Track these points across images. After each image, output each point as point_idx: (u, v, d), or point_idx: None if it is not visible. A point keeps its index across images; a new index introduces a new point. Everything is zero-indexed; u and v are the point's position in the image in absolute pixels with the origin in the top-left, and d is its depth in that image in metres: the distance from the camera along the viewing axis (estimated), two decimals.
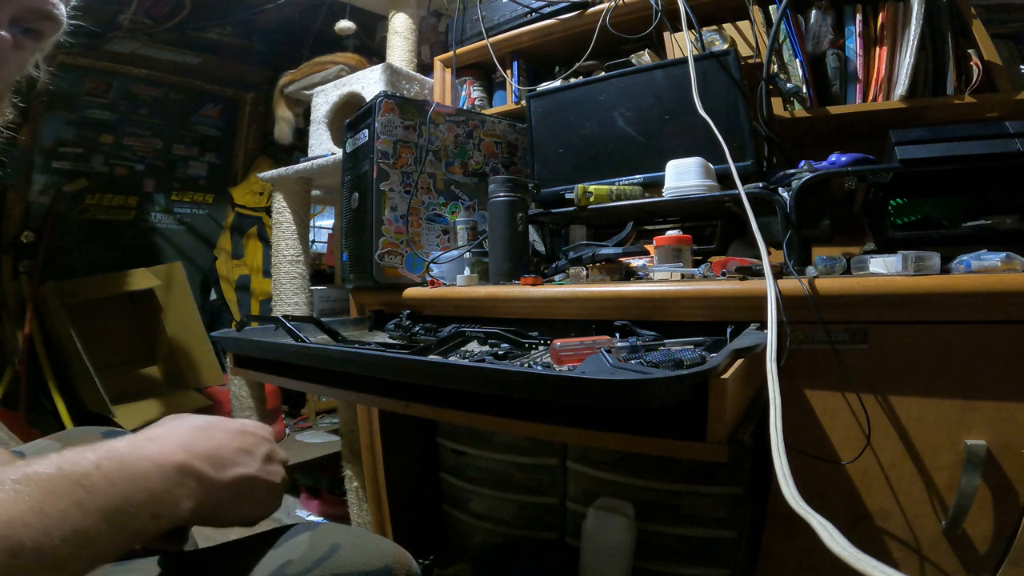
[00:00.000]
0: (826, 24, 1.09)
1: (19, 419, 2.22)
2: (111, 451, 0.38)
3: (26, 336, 2.33)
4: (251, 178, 3.14)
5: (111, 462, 0.37)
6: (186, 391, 2.68)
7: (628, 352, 0.62)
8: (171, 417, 0.49)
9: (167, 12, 2.49)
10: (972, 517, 0.65)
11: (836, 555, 0.31)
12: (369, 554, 0.48)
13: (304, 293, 1.81)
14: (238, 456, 0.46)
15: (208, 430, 0.46)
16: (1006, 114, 1.01)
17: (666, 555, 0.97)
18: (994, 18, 1.15)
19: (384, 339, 0.96)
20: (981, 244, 0.73)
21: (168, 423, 0.47)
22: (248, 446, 0.48)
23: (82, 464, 0.36)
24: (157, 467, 0.40)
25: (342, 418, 1.64)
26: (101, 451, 0.38)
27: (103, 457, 0.37)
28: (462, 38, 1.64)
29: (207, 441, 0.45)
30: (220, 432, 0.46)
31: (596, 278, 0.94)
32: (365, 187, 1.13)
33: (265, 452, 0.49)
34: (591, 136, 1.18)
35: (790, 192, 0.84)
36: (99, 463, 0.37)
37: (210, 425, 0.47)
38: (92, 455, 0.37)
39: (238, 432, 0.48)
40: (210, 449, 0.44)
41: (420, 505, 1.30)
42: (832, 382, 0.71)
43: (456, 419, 0.63)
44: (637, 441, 0.50)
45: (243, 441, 0.48)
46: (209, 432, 0.46)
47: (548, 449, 1.10)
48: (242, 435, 0.48)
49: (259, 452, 0.48)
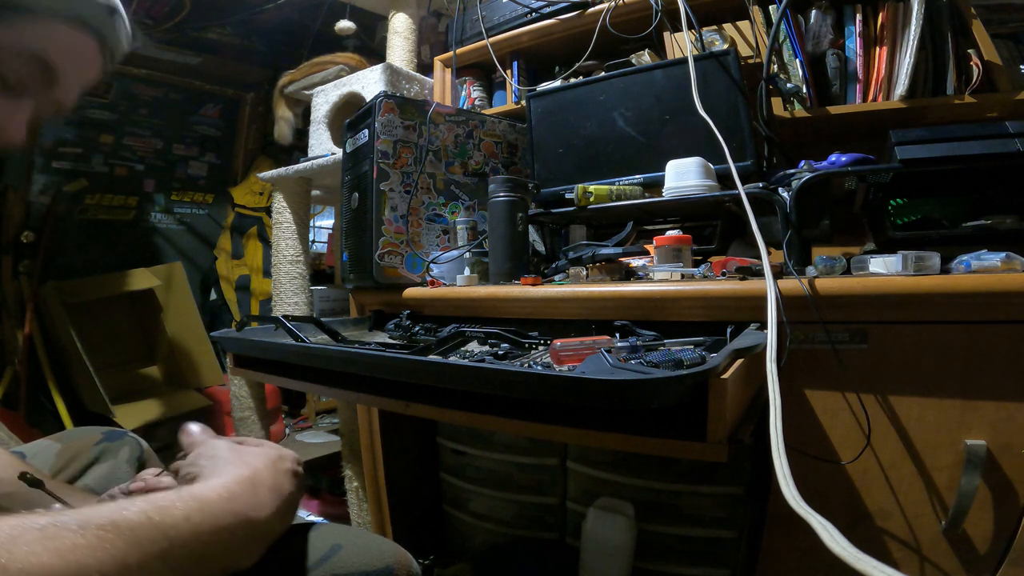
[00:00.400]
0: (826, 24, 1.09)
1: (19, 419, 2.22)
2: (203, 502, 0.37)
3: (26, 336, 2.33)
4: (251, 178, 3.13)
5: (203, 515, 0.36)
6: (186, 391, 2.68)
7: (628, 352, 0.62)
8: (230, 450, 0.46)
9: (167, 12, 2.49)
10: (972, 517, 0.65)
11: (836, 555, 0.31)
12: (370, 554, 0.48)
13: (304, 293, 1.81)
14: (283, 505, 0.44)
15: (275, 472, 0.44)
16: (1006, 114, 1.01)
17: (666, 555, 0.97)
18: (994, 18, 1.15)
19: (384, 339, 0.96)
20: (981, 244, 0.73)
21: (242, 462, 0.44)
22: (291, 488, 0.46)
23: (172, 513, 0.35)
24: (247, 523, 0.39)
25: (342, 418, 1.64)
26: (192, 502, 0.37)
27: (194, 509, 0.36)
28: (462, 38, 1.64)
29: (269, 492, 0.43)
30: (283, 476, 0.45)
31: (596, 278, 0.94)
32: (365, 187, 1.13)
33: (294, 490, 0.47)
34: (591, 136, 1.18)
35: (790, 192, 0.84)
36: (189, 514, 0.36)
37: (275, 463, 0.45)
38: (182, 505, 0.36)
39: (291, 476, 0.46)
40: (280, 502, 0.43)
41: (420, 505, 1.30)
42: (832, 382, 0.71)
43: (456, 419, 0.63)
44: (637, 441, 0.50)
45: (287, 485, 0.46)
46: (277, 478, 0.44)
47: (548, 449, 1.10)
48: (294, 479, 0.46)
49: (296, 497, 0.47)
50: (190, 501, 0.37)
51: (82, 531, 0.31)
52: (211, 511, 0.37)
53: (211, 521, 0.37)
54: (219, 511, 0.38)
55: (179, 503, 0.36)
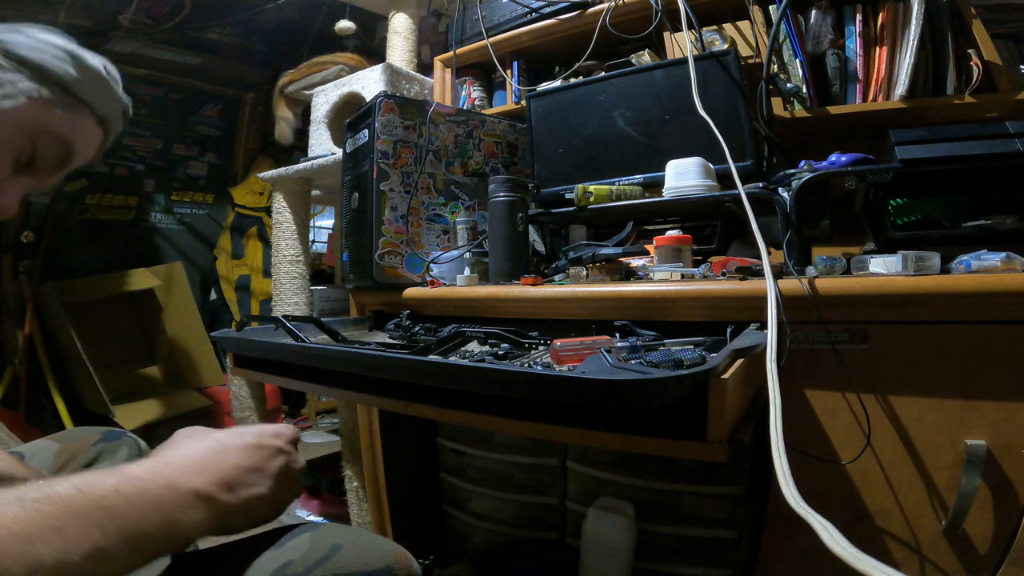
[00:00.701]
0: (826, 24, 1.09)
1: (19, 419, 2.22)
2: (130, 476, 0.40)
3: (26, 336, 2.33)
4: (251, 178, 3.14)
5: (130, 486, 0.38)
6: (186, 391, 2.68)
7: (628, 352, 0.62)
8: (184, 434, 0.50)
9: (167, 12, 2.49)
10: (972, 517, 0.65)
11: (836, 555, 0.31)
12: (370, 554, 0.48)
13: (304, 293, 1.81)
14: (249, 477, 0.46)
15: (222, 452, 0.46)
16: (1006, 114, 1.01)
17: (666, 555, 0.97)
18: (994, 18, 1.15)
19: (384, 339, 0.96)
20: (981, 244, 0.73)
21: (183, 444, 0.48)
22: (260, 463, 0.48)
23: (102, 486, 0.37)
24: (174, 493, 0.41)
25: (342, 418, 1.64)
26: (120, 475, 0.39)
27: (122, 481, 0.38)
28: (462, 38, 1.64)
29: (220, 464, 0.45)
30: (233, 452, 0.47)
31: (596, 278, 0.94)
32: (365, 187, 1.13)
33: (279, 466, 0.49)
34: (591, 136, 1.18)
35: (790, 192, 0.84)
36: (118, 486, 0.38)
37: (223, 446, 0.47)
38: (111, 479, 0.38)
39: (253, 448, 0.48)
40: (223, 473, 0.45)
41: (420, 505, 1.30)
42: (832, 382, 0.71)
43: (456, 419, 0.63)
44: (637, 441, 0.50)
45: (256, 458, 0.48)
46: (223, 454, 0.46)
47: (548, 449, 1.10)
48: (257, 450, 0.48)
49: (272, 467, 0.48)
50: (118, 475, 0.39)
51: (20, 504, 0.33)
52: (139, 482, 0.39)
53: (139, 490, 0.39)
54: (147, 482, 0.40)
55: (108, 477, 0.38)
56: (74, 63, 0.63)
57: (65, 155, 0.63)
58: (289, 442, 0.51)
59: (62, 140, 0.62)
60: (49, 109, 0.60)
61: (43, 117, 0.60)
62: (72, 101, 0.62)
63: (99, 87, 0.66)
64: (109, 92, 0.68)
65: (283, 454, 0.50)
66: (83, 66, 0.64)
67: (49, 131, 0.61)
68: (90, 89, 0.64)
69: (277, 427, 0.52)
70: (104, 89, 0.67)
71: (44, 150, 0.61)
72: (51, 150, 0.62)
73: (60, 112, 0.61)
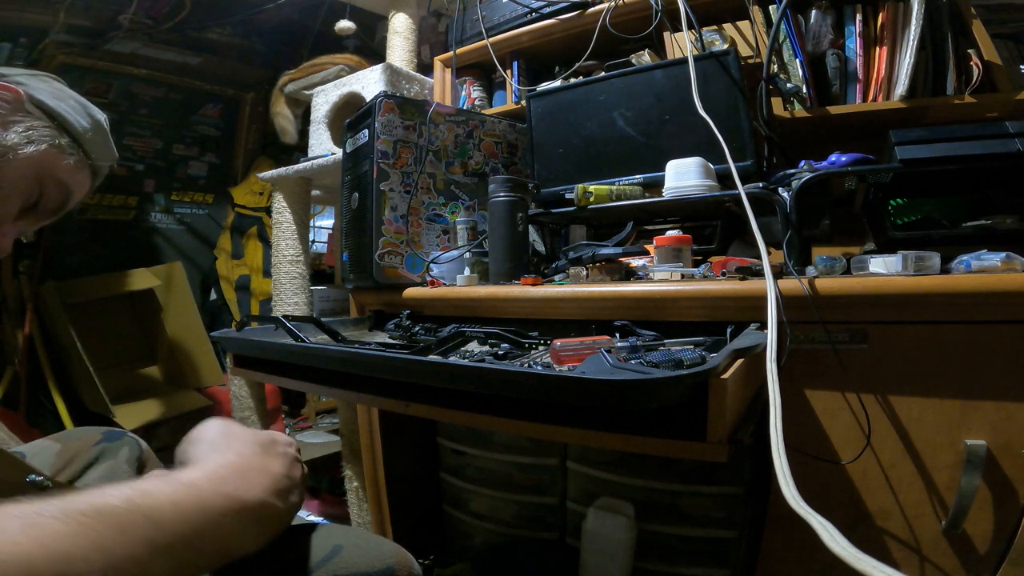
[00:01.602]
0: (826, 24, 1.09)
1: (19, 419, 2.22)
2: (189, 486, 0.36)
3: (26, 336, 2.33)
4: (251, 178, 3.13)
5: (189, 499, 0.35)
6: (186, 391, 2.68)
7: (628, 352, 0.62)
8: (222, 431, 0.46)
9: (167, 12, 2.49)
10: (972, 517, 0.65)
11: (836, 555, 0.31)
12: (371, 555, 0.48)
13: (304, 293, 1.81)
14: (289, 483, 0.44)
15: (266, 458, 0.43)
16: (1006, 114, 1.01)
17: (666, 555, 0.97)
18: (994, 18, 1.15)
19: (384, 339, 0.96)
20: (981, 244, 0.73)
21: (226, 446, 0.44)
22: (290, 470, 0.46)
23: (157, 498, 0.34)
24: (237, 505, 0.38)
25: (342, 418, 1.64)
26: (178, 487, 0.36)
27: (181, 493, 0.35)
28: (462, 38, 1.64)
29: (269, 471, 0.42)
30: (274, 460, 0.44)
31: (596, 278, 0.94)
32: (365, 187, 1.13)
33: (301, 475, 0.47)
34: (591, 136, 1.18)
35: (790, 192, 0.84)
36: (175, 499, 0.35)
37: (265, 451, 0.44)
38: (168, 489, 0.35)
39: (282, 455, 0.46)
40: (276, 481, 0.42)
41: (420, 505, 1.30)
42: (832, 382, 0.71)
43: (456, 419, 0.63)
44: (637, 441, 0.50)
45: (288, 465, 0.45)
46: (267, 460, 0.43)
47: (548, 449, 1.10)
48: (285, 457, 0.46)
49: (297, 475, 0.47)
50: (176, 485, 0.36)
51: (64, 518, 0.30)
52: (198, 494, 0.36)
53: (199, 504, 0.36)
54: (207, 493, 0.37)
55: (165, 487, 0.35)
56: (86, 114, 0.67)
57: (64, 202, 0.66)
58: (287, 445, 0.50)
59: (65, 188, 0.65)
60: (62, 157, 0.63)
61: (56, 165, 0.63)
62: (79, 151, 0.65)
63: (101, 140, 0.69)
64: (107, 146, 0.71)
65: (299, 463, 0.49)
66: (93, 118, 0.68)
67: (57, 178, 0.63)
68: (93, 141, 0.67)
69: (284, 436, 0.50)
70: (104, 143, 0.70)
71: (49, 195, 0.64)
72: (55, 196, 0.64)
73: (71, 161, 0.64)
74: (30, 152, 0.59)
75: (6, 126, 0.59)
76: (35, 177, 0.61)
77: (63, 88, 0.68)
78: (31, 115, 0.61)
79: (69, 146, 0.64)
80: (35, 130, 0.61)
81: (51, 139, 0.62)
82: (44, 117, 0.62)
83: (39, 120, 0.62)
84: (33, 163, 0.60)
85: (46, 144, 0.61)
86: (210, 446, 0.44)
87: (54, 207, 0.65)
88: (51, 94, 0.65)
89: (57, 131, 0.63)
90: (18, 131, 0.59)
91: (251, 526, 0.38)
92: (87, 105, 0.69)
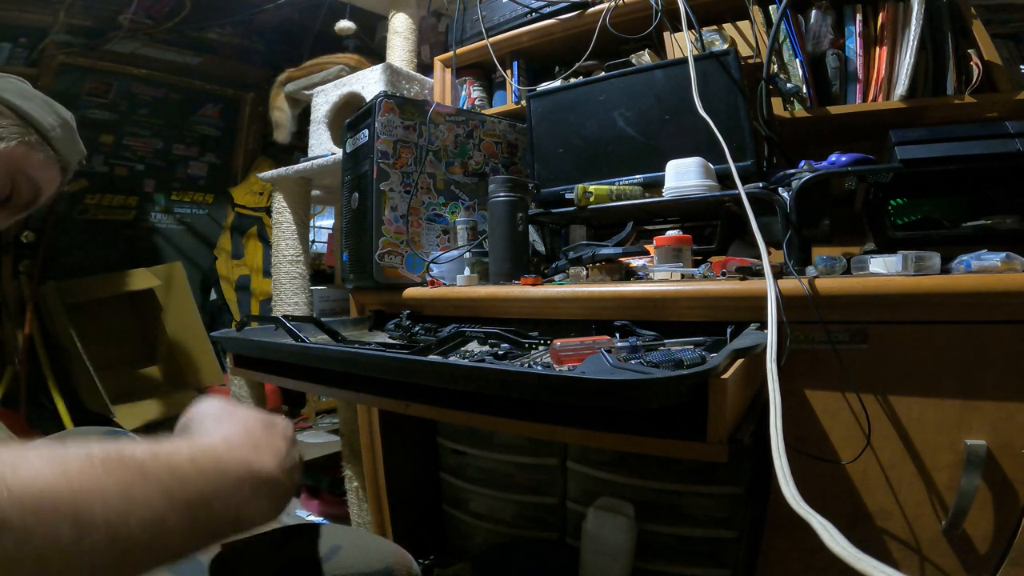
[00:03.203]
0: (826, 24, 1.09)
1: (19, 419, 2.22)
2: (207, 448, 0.36)
3: (26, 336, 2.33)
4: (251, 178, 3.13)
5: (207, 458, 0.35)
6: (186, 391, 2.68)
7: (628, 352, 0.62)
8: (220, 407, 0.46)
9: (167, 12, 2.49)
10: (972, 517, 0.65)
11: (836, 555, 0.31)
12: (370, 555, 0.48)
13: (304, 293, 1.81)
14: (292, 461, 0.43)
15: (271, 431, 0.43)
16: (1006, 114, 1.01)
17: (666, 555, 0.97)
18: (994, 18, 1.15)
19: (384, 339, 0.96)
20: (981, 244, 0.73)
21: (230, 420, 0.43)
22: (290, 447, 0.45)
23: (178, 453, 0.34)
24: (252, 474, 0.37)
25: (342, 418, 1.64)
26: (196, 446, 0.36)
27: (199, 452, 0.35)
28: (462, 38, 1.64)
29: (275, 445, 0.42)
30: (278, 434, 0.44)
31: (596, 278, 0.94)
32: (365, 187, 1.13)
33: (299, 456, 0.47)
34: (591, 136, 1.18)
35: (790, 192, 0.84)
36: (194, 456, 0.34)
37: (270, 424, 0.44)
38: (187, 447, 0.35)
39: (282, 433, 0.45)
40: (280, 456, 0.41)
41: (420, 505, 1.30)
42: (832, 382, 0.71)
43: (456, 419, 0.63)
44: (637, 441, 0.50)
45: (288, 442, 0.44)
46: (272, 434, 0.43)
47: (548, 449, 1.10)
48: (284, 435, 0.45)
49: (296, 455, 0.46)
50: (195, 445, 0.36)
51: (88, 459, 0.30)
52: (216, 455, 0.36)
53: (216, 465, 0.35)
54: (224, 456, 0.37)
55: (184, 445, 0.35)
56: (53, 113, 0.69)
57: (34, 197, 0.68)
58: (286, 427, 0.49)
59: (35, 183, 0.67)
60: (32, 153, 0.65)
61: (25, 160, 0.65)
62: (47, 148, 0.67)
63: (68, 138, 0.71)
64: (75, 143, 0.73)
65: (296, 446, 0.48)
66: (59, 116, 0.70)
67: (27, 174, 0.65)
68: (61, 139, 0.69)
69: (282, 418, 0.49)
70: (71, 140, 0.72)
71: (20, 191, 0.66)
72: (26, 191, 0.66)
73: (40, 156, 0.66)
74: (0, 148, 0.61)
75: None
76: (6, 173, 0.63)
77: (28, 88, 0.70)
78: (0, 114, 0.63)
79: (38, 143, 0.66)
80: (4, 128, 0.62)
81: (20, 136, 0.64)
82: (12, 115, 0.64)
83: (7, 119, 0.63)
84: (3, 159, 0.62)
85: (15, 141, 0.63)
86: (215, 420, 0.44)
87: (24, 202, 0.67)
88: (17, 93, 0.66)
89: (25, 128, 0.65)
90: None
91: (263, 497, 0.38)
92: (53, 104, 0.71)
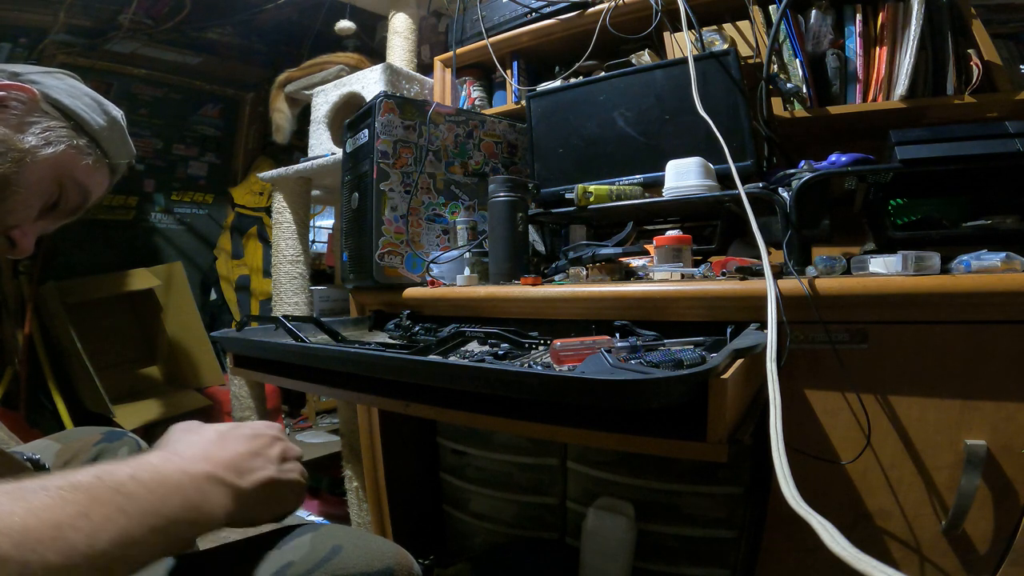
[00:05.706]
0: (826, 24, 1.09)
1: (19, 419, 2.22)
2: (143, 463, 0.40)
3: (26, 336, 2.33)
4: (251, 178, 3.13)
5: (146, 472, 0.39)
6: (186, 391, 2.68)
7: (628, 352, 0.62)
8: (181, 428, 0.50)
9: (167, 12, 2.49)
10: (972, 517, 0.65)
11: (836, 555, 0.31)
12: (370, 555, 0.48)
13: (304, 293, 1.81)
14: (255, 462, 0.47)
15: (222, 441, 0.47)
16: (1006, 114, 1.01)
17: (666, 555, 0.97)
18: (994, 18, 1.15)
19: (384, 339, 0.96)
20: (981, 244, 0.73)
21: (183, 436, 0.48)
22: (260, 449, 0.49)
23: (118, 474, 0.37)
24: (189, 477, 0.41)
25: (342, 418, 1.64)
26: (133, 464, 0.39)
27: (137, 468, 0.39)
28: (462, 38, 1.64)
29: (223, 451, 0.46)
30: (233, 441, 0.48)
31: (596, 278, 0.94)
32: (365, 187, 1.13)
33: (278, 452, 0.50)
34: (591, 136, 1.18)
35: (790, 192, 0.84)
36: (134, 473, 0.38)
37: (222, 436, 0.48)
38: (126, 468, 0.38)
39: (250, 437, 0.49)
40: (229, 458, 0.46)
41: (420, 505, 1.30)
42: (832, 382, 0.71)
43: (456, 419, 0.63)
44: (637, 441, 0.50)
45: (256, 445, 0.49)
46: (224, 443, 0.47)
47: (548, 449, 1.10)
48: (254, 439, 0.49)
49: (272, 453, 0.50)
50: (131, 464, 0.39)
51: (47, 492, 0.33)
52: (152, 467, 0.40)
53: (155, 476, 0.39)
54: (161, 466, 0.40)
55: (122, 466, 0.38)
56: (102, 112, 0.67)
57: (83, 202, 0.66)
58: (280, 432, 0.53)
59: (83, 188, 0.65)
60: (80, 158, 0.63)
61: (74, 165, 0.63)
62: (96, 150, 0.65)
63: (118, 138, 0.69)
64: (124, 143, 0.71)
65: (279, 441, 0.51)
66: (109, 115, 0.68)
67: (75, 179, 0.63)
68: (110, 139, 0.67)
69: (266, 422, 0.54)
70: (121, 140, 0.70)
71: (68, 196, 0.64)
72: (74, 196, 0.64)
73: (88, 161, 0.64)
74: (48, 154, 0.59)
75: (23, 128, 0.59)
76: (54, 179, 0.61)
77: (77, 84, 0.67)
78: (47, 115, 0.61)
79: (87, 146, 0.64)
80: (52, 131, 0.60)
81: (69, 140, 0.62)
82: (60, 117, 0.62)
83: (55, 120, 0.61)
84: (52, 165, 0.60)
85: (64, 145, 0.61)
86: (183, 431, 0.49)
87: (73, 207, 0.65)
88: (66, 92, 0.64)
89: (74, 131, 0.63)
90: (35, 132, 0.59)
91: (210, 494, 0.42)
92: (103, 102, 0.68)
